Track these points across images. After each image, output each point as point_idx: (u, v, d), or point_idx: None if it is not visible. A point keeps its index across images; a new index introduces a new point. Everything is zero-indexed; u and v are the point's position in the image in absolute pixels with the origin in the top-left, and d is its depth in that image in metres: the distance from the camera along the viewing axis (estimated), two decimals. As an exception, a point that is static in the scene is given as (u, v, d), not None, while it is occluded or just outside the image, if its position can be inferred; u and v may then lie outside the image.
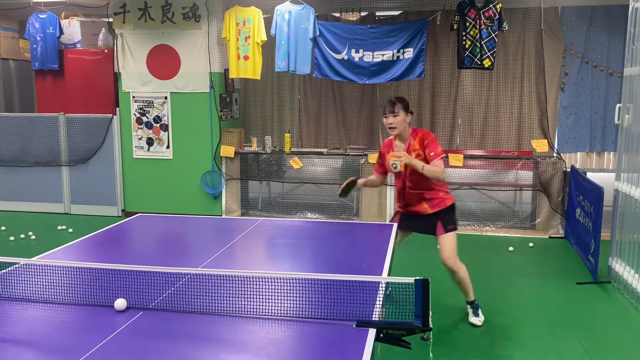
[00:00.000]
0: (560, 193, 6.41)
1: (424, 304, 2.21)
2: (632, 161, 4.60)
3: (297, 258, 3.33)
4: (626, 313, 4.25)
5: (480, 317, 4.02)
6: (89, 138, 7.36)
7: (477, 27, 6.30)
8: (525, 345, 3.68)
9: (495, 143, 7.12)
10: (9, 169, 7.63)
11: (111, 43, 7.34)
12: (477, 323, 3.97)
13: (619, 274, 4.73)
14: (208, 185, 7.13)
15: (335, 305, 2.32)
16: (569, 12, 7.19)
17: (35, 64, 7.38)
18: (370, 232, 4.05)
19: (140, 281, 2.55)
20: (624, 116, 4.73)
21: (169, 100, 7.10)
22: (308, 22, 6.64)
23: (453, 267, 3.87)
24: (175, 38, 6.97)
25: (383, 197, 6.80)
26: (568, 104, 7.35)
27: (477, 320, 3.99)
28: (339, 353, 2.02)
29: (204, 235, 3.95)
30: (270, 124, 7.84)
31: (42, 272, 2.65)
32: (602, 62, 7.21)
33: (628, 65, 4.71)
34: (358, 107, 7.64)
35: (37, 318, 2.32)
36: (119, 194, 7.40)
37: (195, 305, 2.41)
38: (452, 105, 7.35)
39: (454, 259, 3.88)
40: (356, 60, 6.67)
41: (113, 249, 3.50)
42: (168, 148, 7.18)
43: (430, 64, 7.14)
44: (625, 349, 3.64)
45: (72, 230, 6.49)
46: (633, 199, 4.52)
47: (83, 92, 7.41)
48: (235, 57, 6.76)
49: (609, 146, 7.37)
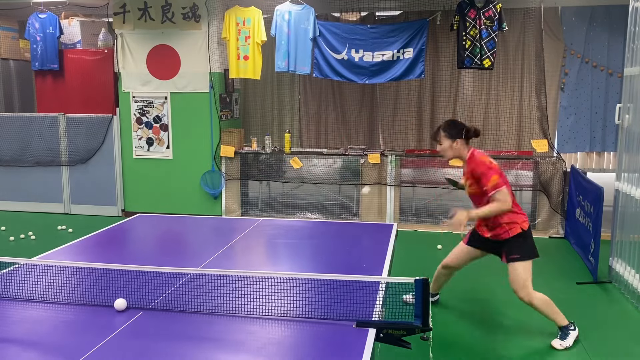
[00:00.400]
0: (560, 193, 6.41)
1: (424, 304, 2.21)
2: (632, 161, 4.59)
3: (297, 258, 3.33)
4: (626, 313, 4.25)
5: (565, 342, 3.61)
6: (89, 138, 7.36)
7: (477, 27, 6.30)
8: (525, 345, 3.67)
9: (495, 143, 7.12)
10: (9, 169, 7.63)
11: (111, 43, 7.34)
12: (557, 346, 3.61)
13: (619, 274, 4.73)
14: (208, 185, 7.13)
15: (335, 305, 2.32)
16: (569, 12, 7.19)
17: (35, 64, 7.37)
18: (370, 232, 4.05)
19: (140, 281, 2.55)
20: (624, 116, 4.73)
21: (169, 100, 7.10)
22: (308, 22, 6.64)
23: (524, 299, 3.59)
24: (175, 38, 6.97)
25: (383, 197, 6.80)
26: (568, 104, 7.35)
27: (558, 343, 3.62)
28: (339, 353, 2.02)
29: (204, 235, 3.95)
30: (270, 124, 7.83)
31: (42, 272, 2.65)
32: (602, 62, 7.21)
33: (628, 65, 4.71)
34: (358, 107, 7.64)
35: (37, 318, 2.32)
36: (119, 194, 7.40)
37: (195, 305, 2.41)
38: (452, 105, 7.34)
39: (525, 291, 3.56)
40: (356, 60, 6.66)
41: (113, 249, 3.50)
42: (168, 148, 7.18)
43: (430, 64, 7.14)
44: (625, 349, 3.64)
45: (72, 230, 6.49)
46: (633, 199, 4.52)
47: (83, 92, 7.41)
48: (235, 57, 6.76)
49: (609, 146, 7.37)
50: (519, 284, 3.56)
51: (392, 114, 7.47)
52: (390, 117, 7.48)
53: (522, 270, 3.56)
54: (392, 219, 6.74)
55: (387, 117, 7.50)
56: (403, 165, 6.74)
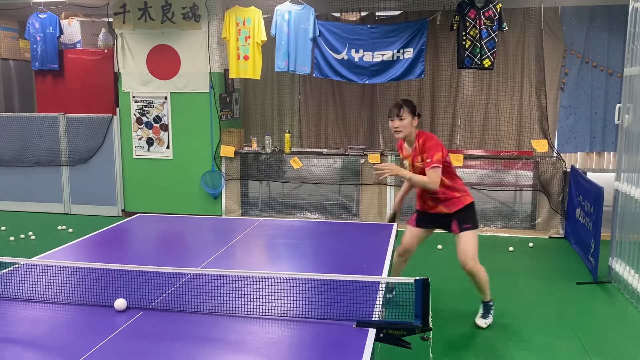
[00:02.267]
0: (560, 193, 6.41)
1: (424, 304, 2.20)
2: (632, 161, 4.59)
3: (297, 258, 3.33)
4: (626, 313, 4.25)
5: (488, 320, 3.91)
6: (89, 138, 7.36)
7: (477, 27, 6.30)
8: (525, 345, 3.68)
9: (495, 143, 7.12)
10: (9, 169, 7.63)
11: (111, 43, 7.34)
12: (482, 325, 3.88)
13: (619, 274, 4.73)
14: (208, 185, 7.13)
15: (335, 305, 2.32)
16: (569, 12, 7.19)
17: (35, 64, 7.38)
18: (370, 232, 4.05)
19: (140, 281, 2.55)
20: (624, 116, 4.73)
21: (169, 100, 7.10)
22: (308, 22, 6.64)
23: (472, 269, 3.74)
24: (175, 38, 6.97)
25: (383, 197, 6.80)
26: (568, 104, 7.35)
27: (483, 322, 3.90)
28: (339, 353, 2.02)
29: (204, 235, 3.95)
30: (270, 124, 7.84)
31: (42, 272, 2.65)
32: (602, 62, 7.21)
33: (628, 65, 4.71)
34: (358, 107, 7.64)
35: (37, 318, 2.32)
36: (119, 194, 7.40)
37: (195, 305, 2.41)
38: (452, 105, 7.35)
39: (473, 261, 3.74)
40: (356, 60, 6.67)
41: (113, 249, 3.50)
42: (168, 148, 7.18)
43: (430, 64, 7.14)
44: (625, 349, 3.64)
45: (72, 230, 6.49)
46: (633, 199, 4.52)
47: (83, 92, 7.41)
48: (235, 57, 6.77)
49: (609, 146, 7.37)
50: (470, 254, 3.73)
51: (392, 114, 7.46)
52: (391, 117, 7.47)
53: (473, 239, 3.74)
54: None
55: (387, 117, 7.49)
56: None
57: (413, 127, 3.76)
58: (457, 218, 3.78)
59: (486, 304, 3.96)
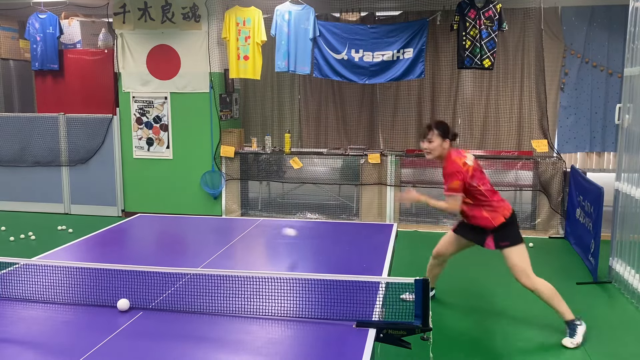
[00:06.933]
0: (560, 193, 6.40)
1: (424, 304, 2.21)
2: (632, 161, 4.59)
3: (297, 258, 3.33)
4: (626, 313, 4.25)
5: (575, 340, 3.59)
6: (89, 138, 7.36)
7: (477, 27, 6.30)
8: (525, 345, 3.67)
9: (495, 143, 7.12)
10: (9, 169, 7.63)
11: (111, 43, 7.34)
12: (567, 345, 3.59)
13: (619, 274, 4.73)
14: (208, 186, 7.13)
15: (335, 305, 2.32)
16: (569, 12, 7.18)
17: (35, 64, 7.37)
18: (370, 232, 4.05)
19: (140, 281, 2.55)
20: (624, 116, 4.73)
21: (169, 100, 7.09)
22: (308, 22, 6.64)
23: (528, 286, 3.60)
24: (175, 38, 6.97)
25: (383, 197, 6.80)
26: (568, 104, 7.34)
27: (569, 342, 3.60)
28: (339, 353, 2.02)
29: (204, 235, 3.95)
30: (270, 124, 7.83)
31: (42, 272, 2.65)
32: (602, 62, 7.21)
33: (628, 65, 4.71)
34: (358, 107, 7.64)
35: (37, 318, 2.32)
36: (119, 194, 7.39)
37: (195, 305, 2.41)
38: (452, 105, 7.34)
39: (526, 278, 3.58)
40: (356, 60, 6.66)
41: (113, 249, 3.50)
42: (168, 148, 7.18)
43: (430, 64, 7.14)
44: (625, 349, 3.64)
45: (72, 230, 6.49)
46: (633, 199, 4.52)
47: (83, 92, 7.41)
48: (235, 57, 6.76)
49: (609, 146, 7.37)
50: (519, 271, 3.61)
51: (392, 114, 7.47)
52: (390, 117, 7.48)
53: (517, 256, 3.61)
54: (392, 219, 6.74)
55: (387, 117, 7.50)
56: (403, 165, 6.74)
57: (443, 149, 3.72)
58: (493, 234, 3.66)
59: (569, 324, 3.65)
